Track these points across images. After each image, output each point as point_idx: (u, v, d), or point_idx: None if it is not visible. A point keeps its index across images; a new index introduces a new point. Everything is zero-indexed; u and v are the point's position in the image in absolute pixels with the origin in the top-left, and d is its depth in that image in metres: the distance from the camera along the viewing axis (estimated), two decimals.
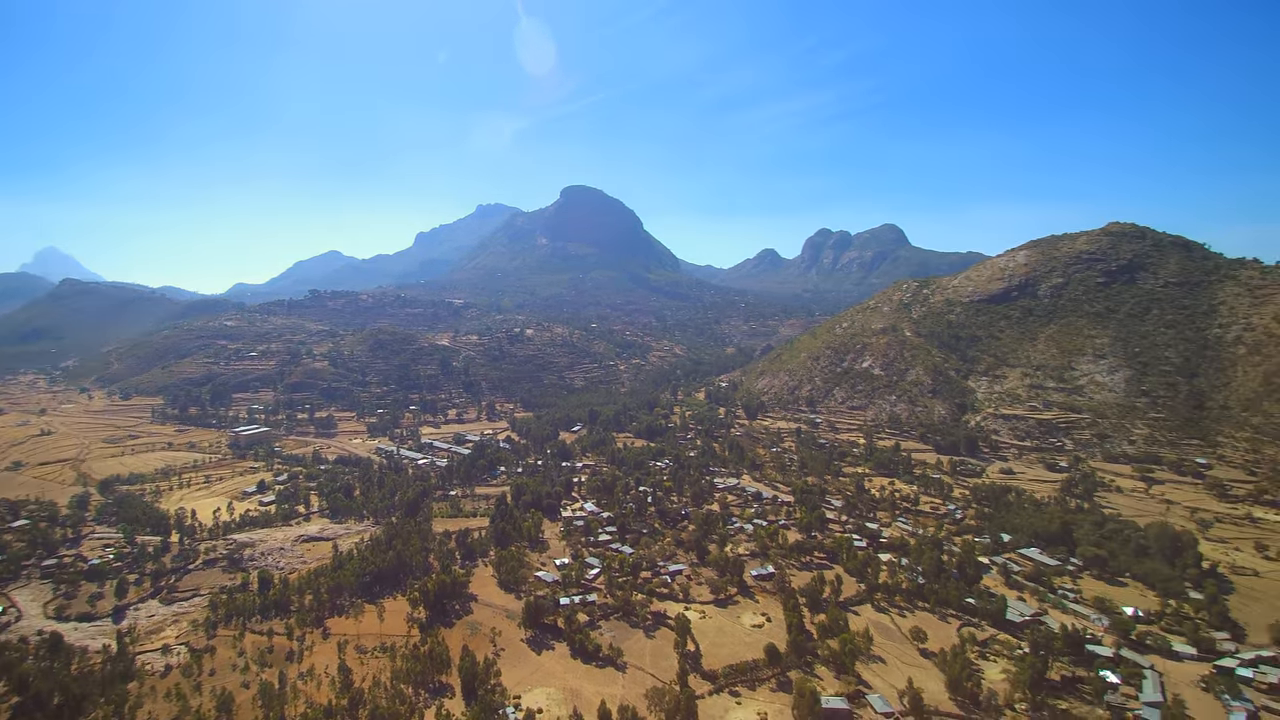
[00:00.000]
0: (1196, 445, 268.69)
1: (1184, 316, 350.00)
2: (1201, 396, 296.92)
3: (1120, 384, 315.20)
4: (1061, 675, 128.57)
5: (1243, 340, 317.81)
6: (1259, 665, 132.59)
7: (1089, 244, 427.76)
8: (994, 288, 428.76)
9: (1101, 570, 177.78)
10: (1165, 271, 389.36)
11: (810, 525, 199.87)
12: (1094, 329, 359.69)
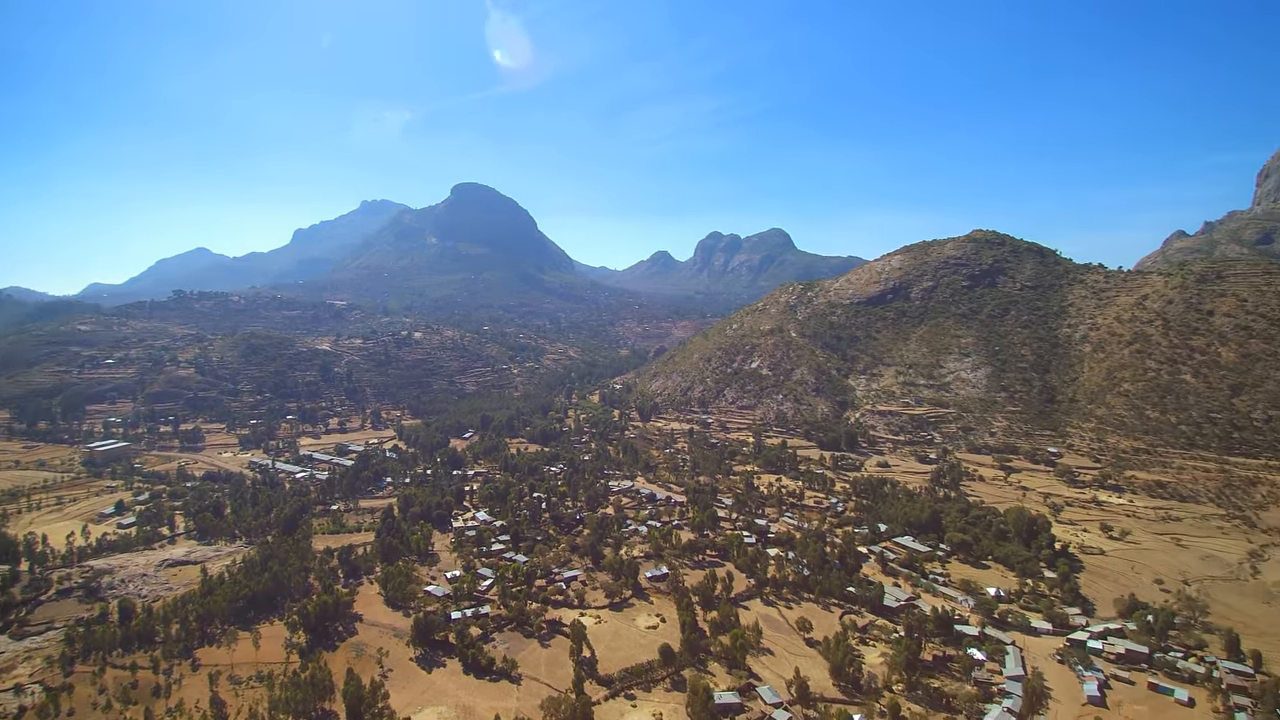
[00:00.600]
0: (1049, 436, 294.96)
1: (1038, 317, 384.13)
2: (1053, 391, 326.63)
3: (982, 380, 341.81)
4: (934, 655, 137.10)
5: (1088, 339, 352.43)
6: (1107, 637, 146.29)
7: (955, 250, 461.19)
8: (871, 290, 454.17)
9: (967, 554, 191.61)
10: (1022, 276, 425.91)
11: (703, 524, 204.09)
12: (960, 329, 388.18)
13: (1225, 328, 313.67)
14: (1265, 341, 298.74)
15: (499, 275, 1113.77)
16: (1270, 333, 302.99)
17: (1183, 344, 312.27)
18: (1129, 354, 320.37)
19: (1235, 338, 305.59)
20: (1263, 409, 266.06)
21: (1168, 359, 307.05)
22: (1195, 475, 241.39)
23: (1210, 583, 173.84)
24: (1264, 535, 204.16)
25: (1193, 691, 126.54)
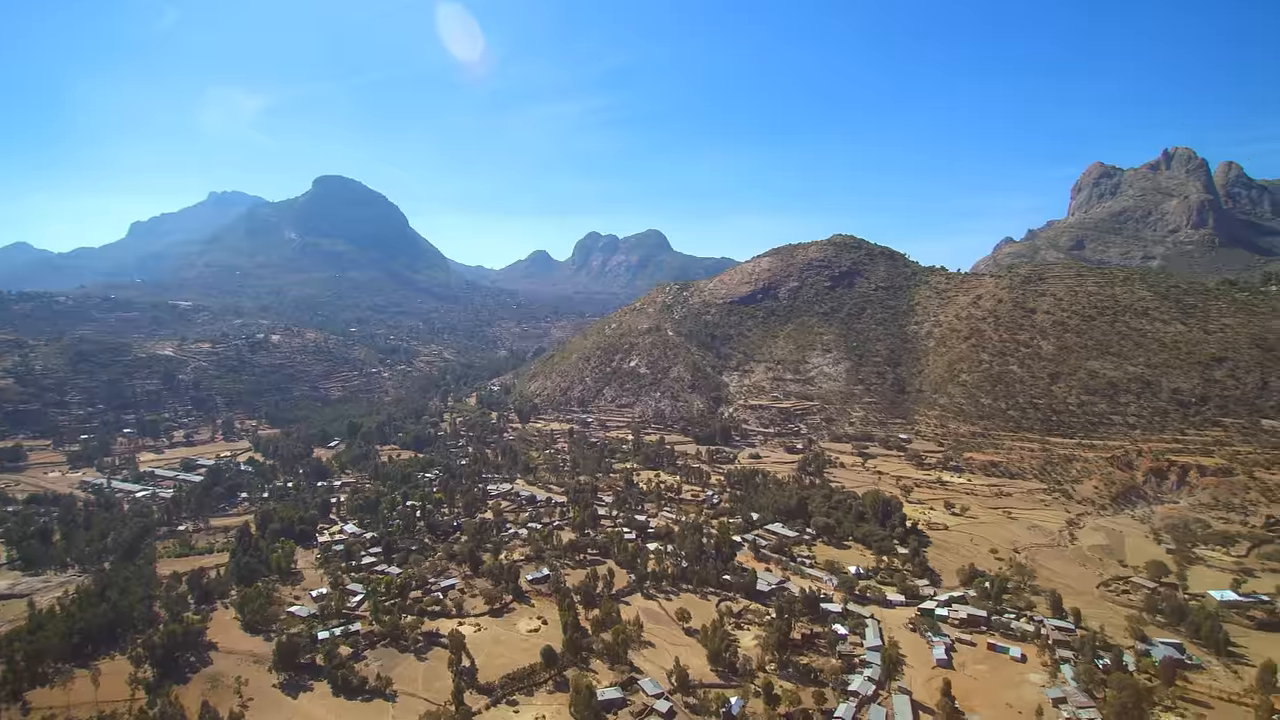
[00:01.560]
0: (900, 423, 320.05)
1: (890, 315, 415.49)
2: (903, 383, 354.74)
3: (842, 374, 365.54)
4: (803, 634, 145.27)
5: (932, 335, 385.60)
6: (952, 604, 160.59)
7: (818, 253, 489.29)
8: (743, 290, 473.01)
9: (831, 536, 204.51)
10: (876, 277, 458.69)
11: (583, 523, 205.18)
12: (823, 327, 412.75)
13: (1045, 323, 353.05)
14: (1077, 335, 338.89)
15: (367, 274, 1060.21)
16: (1081, 327, 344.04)
17: (1010, 338, 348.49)
18: (966, 348, 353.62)
19: (1053, 332, 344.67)
20: (1076, 395, 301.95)
21: (998, 352, 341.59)
22: (1022, 455, 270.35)
23: (1036, 550, 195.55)
24: (1079, 506, 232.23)
25: (1025, 648, 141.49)
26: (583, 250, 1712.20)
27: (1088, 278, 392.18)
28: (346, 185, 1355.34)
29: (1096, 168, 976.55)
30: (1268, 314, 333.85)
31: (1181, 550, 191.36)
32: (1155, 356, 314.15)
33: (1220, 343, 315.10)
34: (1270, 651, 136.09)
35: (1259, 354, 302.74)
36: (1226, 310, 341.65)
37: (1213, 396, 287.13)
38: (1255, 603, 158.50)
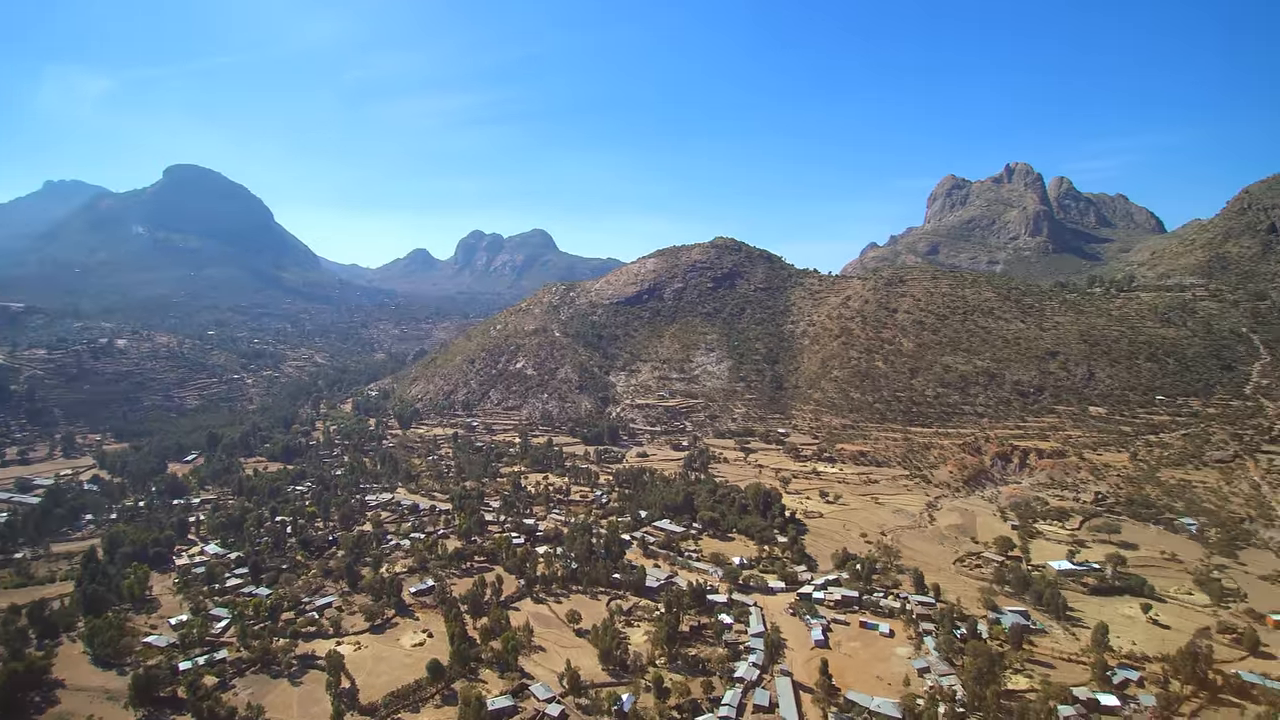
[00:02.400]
0: (778, 418, 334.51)
1: (768, 315, 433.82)
2: (781, 379, 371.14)
3: (725, 372, 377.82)
4: (690, 626, 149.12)
5: (807, 333, 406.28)
6: (827, 587, 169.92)
7: (701, 255, 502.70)
8: (629, 291, 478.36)
9: (716, 530, 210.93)
10: (755, 279, 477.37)
11: (470, 530, 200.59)
12: (706, 327, 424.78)
13: (905, 322, 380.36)
14: (934, 333, 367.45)
15: (227, 272, 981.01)
16: (936, 325, 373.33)
17: (876, 336, 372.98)
18: (837, 345, 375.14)
19: (913, 330, 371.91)
20: (933, 387, 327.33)
21: (865, 349, 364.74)
22: (887, 444, 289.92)
23: (901, 532, 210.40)
24: (937, 489, 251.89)
25: (892, 624, 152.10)
26: (466, 249, 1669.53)
27: (942, 280, 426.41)
28: (203, 176, 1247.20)
29: (949, 179, 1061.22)
30: (1093, 313, 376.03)
31: (1024, 526, 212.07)
32: (999, 352, 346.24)
33: (1054, 339, 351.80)
34: (1101, 614, 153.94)
35: (1086, 348, 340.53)
36: (1059, 310, 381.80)
37: (1048, 387, 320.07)
38: (1087, 570, 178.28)
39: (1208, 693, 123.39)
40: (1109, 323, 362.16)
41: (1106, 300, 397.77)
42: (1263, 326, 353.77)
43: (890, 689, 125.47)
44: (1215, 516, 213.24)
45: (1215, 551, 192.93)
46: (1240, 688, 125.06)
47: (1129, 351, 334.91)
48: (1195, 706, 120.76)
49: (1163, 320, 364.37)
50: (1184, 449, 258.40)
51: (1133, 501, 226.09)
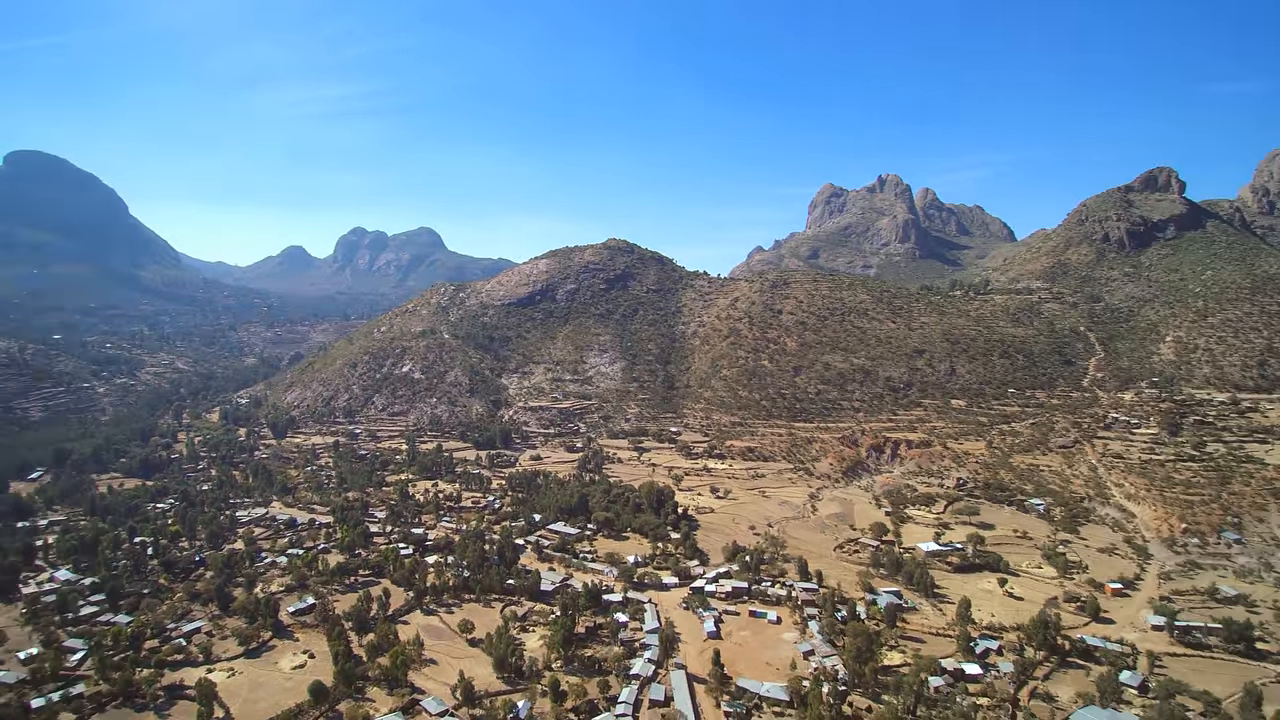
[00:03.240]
0: (671, 417, 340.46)
1: (661, 316, 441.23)
2: (673, 379, 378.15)
3: (618, 373, 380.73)
4: (586, 627, 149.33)
5: (697, 334, 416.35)
6: (718, 580, 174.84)
7: (594, 256, 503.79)
8: (521, 292, 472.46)
9: (611, 530, 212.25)
10: (648, 280, 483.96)
11: (353, 543, 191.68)
12: (599, 328, 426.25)
13: (789, 323, 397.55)
14: (815, 333, 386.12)
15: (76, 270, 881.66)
16: (818, 326, 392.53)
17: (762, 336, 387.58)
18: (726, 346, 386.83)
19: (796, 330, 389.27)
20: (814, 384, 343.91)
21: (753, 349, 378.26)
22: (773, 440, 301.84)
23: (786, 523, 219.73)
24: (818, 480, 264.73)
25: (780, 611, 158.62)
26: (347, 247, 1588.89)
27: (822, 283, 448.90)
28: (49, 164, 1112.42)
29: (828, 188, 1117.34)
30: (954, 314, 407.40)
31: (896, 512, 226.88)
32: (874, 350, 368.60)
33: (920, 338, 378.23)
34: (964, 590, 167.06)
35: (948, 346, 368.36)
36: (925, 311, 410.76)
37: (915, 382, 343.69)
38: (952, 550, 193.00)
39: (1057, 657, 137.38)
40: (968, 323, 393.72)
41: (966, 302, 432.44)
42: (1098, 325, 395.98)
43: (779, 673, 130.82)
44: (1059, 497, 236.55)
45: (1060, 528, 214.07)
46: (1085, 650, 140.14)
47: (985, 349, 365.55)
48: (1047, 670, 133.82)
49: (1013, 320, 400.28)
50: (1032, 436, 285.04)
51: (989, 485, 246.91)
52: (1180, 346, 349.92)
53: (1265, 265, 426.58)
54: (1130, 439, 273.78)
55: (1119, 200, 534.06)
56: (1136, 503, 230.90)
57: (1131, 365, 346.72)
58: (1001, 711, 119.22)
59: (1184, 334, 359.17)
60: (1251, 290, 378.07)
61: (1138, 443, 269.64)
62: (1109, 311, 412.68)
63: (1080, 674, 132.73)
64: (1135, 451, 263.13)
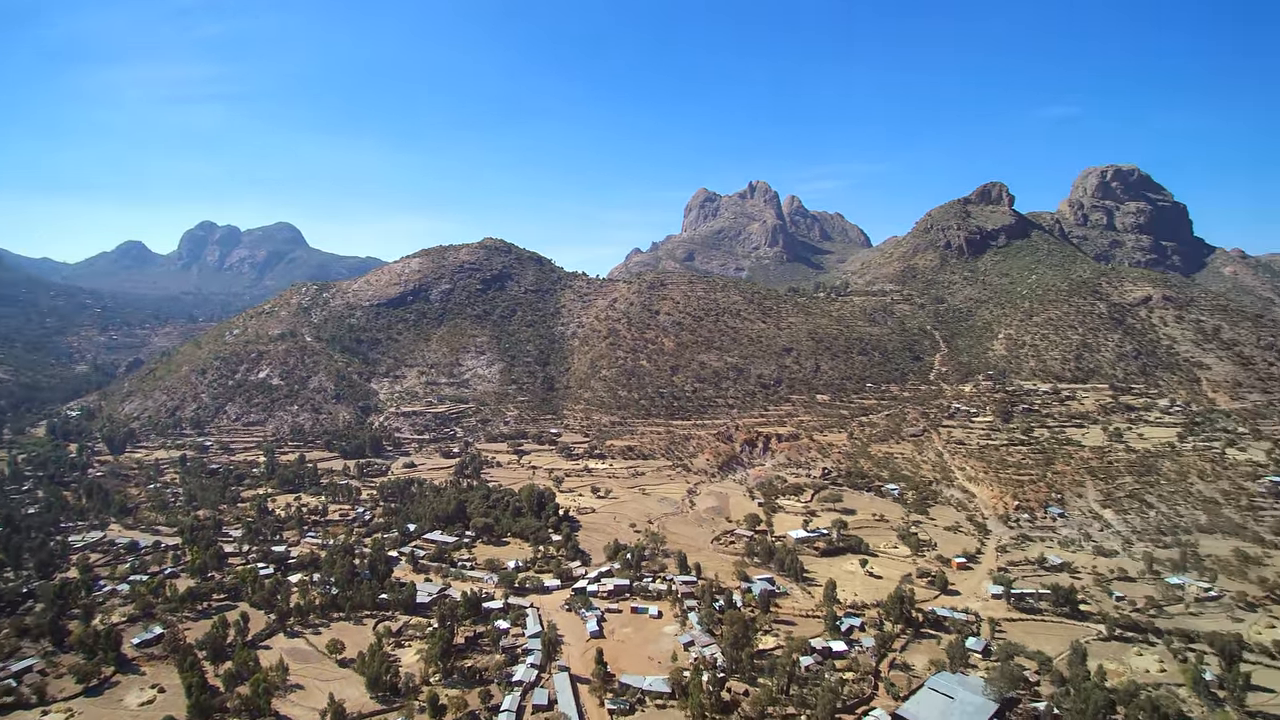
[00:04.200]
0: (551, 419, 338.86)
1: (539, 317, 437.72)
2: (552, 381, 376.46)
3: (496, 375, 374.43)
4: (466, 637, 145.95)
5: (576, 335, 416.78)
6: (600, 579, 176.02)
7: (470, 255, 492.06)
8: (392, 292, 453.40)
9: (490, 535, 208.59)
10: (526, 281, 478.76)
11: (205, 565, 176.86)
12: (476, 329, 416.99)
13: (667, 323, 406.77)
14: (691, 333, 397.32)
15: None
16: (694, 326, 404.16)
17: (640, 337, 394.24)
18: (605, 346, 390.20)
19: (673, 331, 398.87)
20: (691, 383, 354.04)
21: (631, 349, 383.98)
22: (652, 438, 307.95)
23: (666, 519, 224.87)
24: (696, 476, 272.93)
25: (660, 606, 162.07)
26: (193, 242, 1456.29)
27: (697, 285, 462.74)
28: None
29: (703, 192, 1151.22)
30: (818, 315, 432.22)
31: (768, 503, 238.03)
32: (746, 349, 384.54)
33: (788, 337, 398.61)
34: (830, 572, 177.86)
35: (814, 345, 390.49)
36: (792, 312, 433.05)
37: (784, 379, 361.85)
38: (818, 536, 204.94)
39: (912, 629, 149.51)
40: (830, 323, 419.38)
41: (828, 304, 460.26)
42: (942, 325, 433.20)
43: (661, 667, 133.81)
44: (911, 481, 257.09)
45: (912, 510, 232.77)
46: (936, 621, 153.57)
47: (845, 347, 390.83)
48: (904, 642, 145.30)
49: (870, 320, 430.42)
50: (887, 427, 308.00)
51: (851, 474, 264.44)
52: (1010, 343, 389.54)
53: (1080, 271, 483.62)
54: (970, 427, 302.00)
55: (959, 211, 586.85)
56: (976, 484, 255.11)
57: (970, 360, 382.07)
58: (865, 684, 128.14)
59: (1013, 332, 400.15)
60: (1068, 292, 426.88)
61: (976, 430, 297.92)
62: (951, 312, 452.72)
63: (933, 643, 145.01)
64: (974, 438, 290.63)
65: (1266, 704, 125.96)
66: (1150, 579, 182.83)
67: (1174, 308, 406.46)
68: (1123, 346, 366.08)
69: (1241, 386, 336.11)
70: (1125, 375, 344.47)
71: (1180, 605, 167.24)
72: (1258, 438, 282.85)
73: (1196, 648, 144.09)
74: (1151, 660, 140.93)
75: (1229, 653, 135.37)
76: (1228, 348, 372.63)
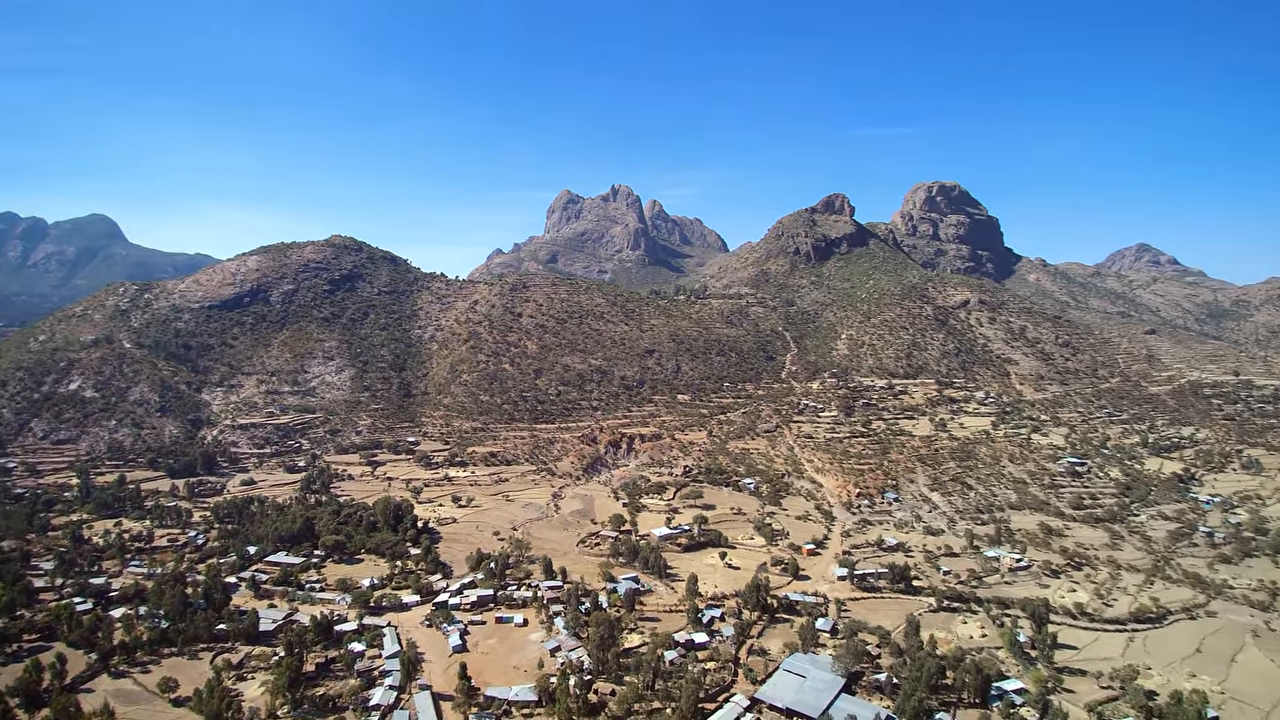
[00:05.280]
0: (408, 427, 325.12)
1: (394, 320, 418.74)
2: (409, 387, 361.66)
3: (347, 382, 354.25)
4: (317, 663, 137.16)
5: (435, 338, 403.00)
6: (463, 591, 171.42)
7: (316, 254, 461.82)
8: (226, 293, 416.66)
9: (342, 554, 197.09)
10: (379, 281, 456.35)
11: (12, 603, 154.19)
12: (323, 333, 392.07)
13: (530, 325, 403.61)
14: (555, 335, 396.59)
15: None
16: (557, 329, 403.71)
17: (503, 340, 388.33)
18: (466, 350, 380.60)
19: (536, 333, 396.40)
20: (555, 386, 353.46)
21: (493, 352, 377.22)
22: (516, 443, 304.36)
23: (531, 524, 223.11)
24: (561, 480, 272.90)
25: (526, 613, 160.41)
26: None
27: (561, 287, 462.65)
28: None
29: (565, 194, 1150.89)
30: (679, 317, 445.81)
31: (633, 503, 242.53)
32: (609, 351, 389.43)
33: (650, 339, 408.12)
34: (692, 567, 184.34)
35: (674, 346, 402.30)
36: (654, 314, 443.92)
37: (647, 380, 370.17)
38: (681, 532, 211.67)
39: (768, 615, 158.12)
40: (690, 325, 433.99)
41: (688, 306, 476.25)
42: (792, 326, 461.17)
43: (527, 675, 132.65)
44: (766, 475, 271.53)
45: (767, 502, 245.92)
46: (789, 606, 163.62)
47: (705, 348, 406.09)
48: (760, 628, 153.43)
49: (727, 322, 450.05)
50: (743, 424, 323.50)
51: (710, 470, 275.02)
52: (852, 342, 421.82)
53: (910, 277, 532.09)
54: (817, 421, 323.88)
55: (806, 220, 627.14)
56: (823, 474, 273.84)
57: (817, 359, 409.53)
58: (726, 671, 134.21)
59: (854, 332, 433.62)
60: (900, 296, 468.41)
61: (823, 424, 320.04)
62: (800, 314, 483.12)
63: (787, 627, 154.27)
64: (821, 432, 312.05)
65: (1070, 659, 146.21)
66: (971, 553, 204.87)
67: (988, 310, 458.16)
68: (946, 345, 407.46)
69: (1043, 379, 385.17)
70: (948, 371, 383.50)
71: (997, 576, 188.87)
72: (1057, 424, 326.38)
73: (1011, 613, 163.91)
74: (975, 627, 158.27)
75: (1038, 616, 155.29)
76: (1032, 345, 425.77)
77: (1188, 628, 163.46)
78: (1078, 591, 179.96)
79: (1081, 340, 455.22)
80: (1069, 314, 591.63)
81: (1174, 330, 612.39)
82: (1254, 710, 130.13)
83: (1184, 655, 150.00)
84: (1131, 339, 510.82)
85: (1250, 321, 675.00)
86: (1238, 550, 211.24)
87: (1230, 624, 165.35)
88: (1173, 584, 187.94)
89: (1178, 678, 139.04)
